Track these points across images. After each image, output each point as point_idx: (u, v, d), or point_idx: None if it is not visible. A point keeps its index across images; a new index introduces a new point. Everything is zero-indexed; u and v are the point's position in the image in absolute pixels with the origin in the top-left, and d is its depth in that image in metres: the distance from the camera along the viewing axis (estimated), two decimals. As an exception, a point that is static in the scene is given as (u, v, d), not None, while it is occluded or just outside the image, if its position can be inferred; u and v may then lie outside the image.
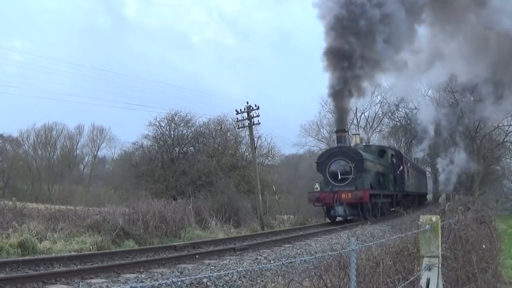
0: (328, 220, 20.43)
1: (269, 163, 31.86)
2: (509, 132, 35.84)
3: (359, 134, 24.89)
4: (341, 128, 20.51)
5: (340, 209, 18.57)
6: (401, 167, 23.86)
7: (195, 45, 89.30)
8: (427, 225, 4.46)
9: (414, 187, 29.60)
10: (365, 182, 18.81)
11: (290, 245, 10.81)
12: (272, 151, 32.09)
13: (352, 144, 23.03)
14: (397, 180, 23.84)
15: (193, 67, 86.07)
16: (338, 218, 19.76)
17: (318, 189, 19.19)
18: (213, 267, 7.55)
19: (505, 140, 36.26)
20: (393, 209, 23.60)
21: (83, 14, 79.02)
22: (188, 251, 9.62)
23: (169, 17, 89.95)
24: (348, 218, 19.56)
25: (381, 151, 24.11)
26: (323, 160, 19.58)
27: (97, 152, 55.90)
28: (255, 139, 24.65)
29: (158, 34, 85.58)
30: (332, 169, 19.02)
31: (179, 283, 5.98)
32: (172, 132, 28.84)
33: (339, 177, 18.71)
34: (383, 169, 22.46)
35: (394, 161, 23.83)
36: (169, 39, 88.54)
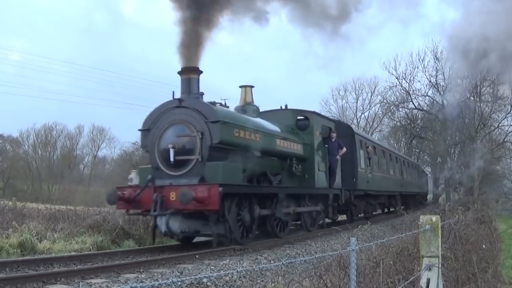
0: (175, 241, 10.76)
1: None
2: (509, 132, 35.89)
3: (253, 87, 12.57)
4: (189, 65, 9.84)
5: (162, 221, 8.91)
6: (344, 148, 14.27)
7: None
8: (427, 225, 4.47)
9: (388, 183, 20.51)
10: (222, 170, 9.16)
11: (290, 245, 10.81)
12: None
13: (237, 105, 12.04)
14: (336, 170, 14.07)
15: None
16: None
17: (133, 182, 10.15)
18: (213, 267, 7.55)
19: (505, 140, 36.31)
20: (330, 219, 14.98)
21: (81, 12, 79.15)
22: (188, 251, 9.62)
23: (167, 15, 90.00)
24: (178, 238, 10.41)
25: (303, 120, 13.53)
26: (151, 125, 9.95)
27: (97, 152, 56.09)
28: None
29: (157, 32, 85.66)
30: (162, 144, 9.59)
31: (179, 283, 5.98)
32: (172, 132, 28.83)
33: (172, 158, 9.26)
34: (301, 149, 12.55)
35: (333, 139, 14.11)
36: (167, 38, 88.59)
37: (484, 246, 7.08)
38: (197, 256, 8.34)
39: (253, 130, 10.63)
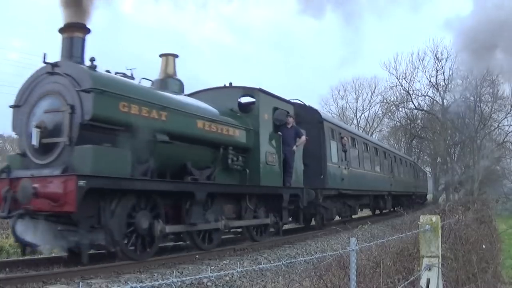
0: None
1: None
2: (509, 132, 35.93)
3: (177, 56, 9.55)
4: (71, 21, 7.57)
5: (19, 227, 6.77)
6: (303, 136, 11.27)
7: (193, 43, 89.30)
8: (427, 225, 4.48)
9: (373, 181, 17.59)
10: (94, 156, 6.58)
11: (290, 245, 10.81)
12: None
13: (155, 78, 9.14)
14: (294, 165, 11.02)
15: (191, 66, 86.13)
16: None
17: None
18: (213, 267, 7.56)
19: (505, 140, 36.35)
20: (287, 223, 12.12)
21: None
22: (188, 251, 9.63)
23: (166, 14, 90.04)
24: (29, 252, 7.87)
25: (249, 101, 10.88)
26: (22, 99, 7.59)
27: (97, 152, 55.98)
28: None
29: (156, 31, 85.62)
30: (31, 125, 7.24)
31: (179, 283, 5.98)
32: (172, 132, 28.72)
33: (34, 142, 7.03)
34: (242, 136, 9.78)
35: (289, 125, 11.01)
36: (167, 37, 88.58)
37: (484, 246, 7.08)
38: (197, 256, 8.35)
39: (156, 106, 7.71)
